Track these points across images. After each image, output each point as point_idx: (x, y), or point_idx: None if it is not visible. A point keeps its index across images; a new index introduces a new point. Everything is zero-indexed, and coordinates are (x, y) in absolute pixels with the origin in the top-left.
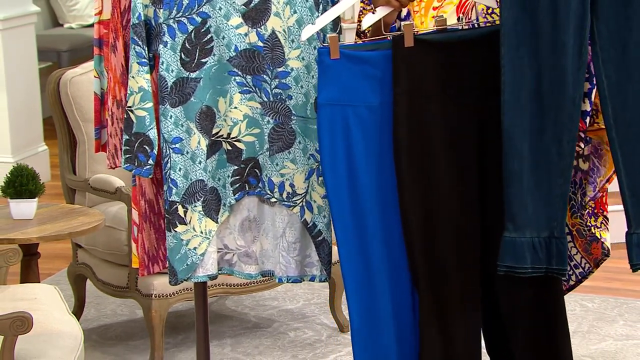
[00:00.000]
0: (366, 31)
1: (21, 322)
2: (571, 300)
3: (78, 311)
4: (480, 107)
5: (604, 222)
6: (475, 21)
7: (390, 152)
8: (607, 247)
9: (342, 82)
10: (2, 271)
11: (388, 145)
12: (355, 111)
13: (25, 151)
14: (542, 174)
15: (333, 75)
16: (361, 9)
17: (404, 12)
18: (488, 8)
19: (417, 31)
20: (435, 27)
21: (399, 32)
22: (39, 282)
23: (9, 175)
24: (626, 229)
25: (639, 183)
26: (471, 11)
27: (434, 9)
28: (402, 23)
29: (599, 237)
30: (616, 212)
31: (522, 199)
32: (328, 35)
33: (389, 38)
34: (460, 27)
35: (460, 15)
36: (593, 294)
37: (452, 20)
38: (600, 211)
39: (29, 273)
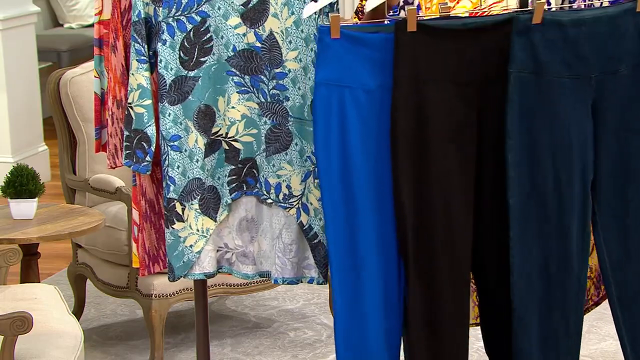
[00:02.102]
0: (365, 11)
1: (21, 322)
2: None
3: (78, 311)
4: (482, 96)
5: None
6: None
7: (385, 136)
8: None
9: (340, 63)
10: (2, 271)
11: (384, 129)
12: (352, 93)
13: (25, 151)
14: (551, 351)
15: (332, 55)
16: None
17: (415, 2)
18: None
19: (421, 17)
20: (439, 14)
21: (402, 16)
22: (39, 282)
23: (9, 175)
24: None
25: None
26: None
27: None
28: (407, 7)
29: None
30: None
31: None
32: (330, 14)
33: (387, 22)
34: (463, 16)
35: None
36: None
37: None
38: None
39: (29, 273)
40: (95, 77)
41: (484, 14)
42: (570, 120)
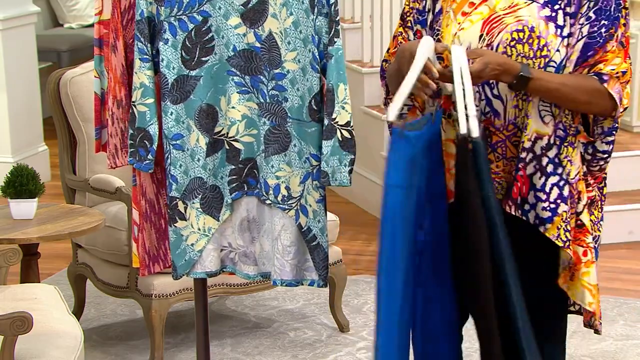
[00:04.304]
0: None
1: (21, 322)
2: None
3: (78, 311)
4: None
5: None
6: (494, 47)
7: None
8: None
9: (405, 163)
10: (2, 271)
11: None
12: (418, 192)
13: (25, 151)
14: None
15: (397, 156)
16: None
17: (437, 7)
18: (512, 40)
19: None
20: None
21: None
22: (39, 282)
23: (9, 175)
24: (627, 230)
25: None
26: (496, 35)
27: (463, 14)
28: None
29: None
30: (614, 212)
31: None
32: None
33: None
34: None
35: (483, 34)
36: None
37: (474, 35)
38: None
39: (29, 273)
40: (95, 77)
41: (498, 21)
42: None
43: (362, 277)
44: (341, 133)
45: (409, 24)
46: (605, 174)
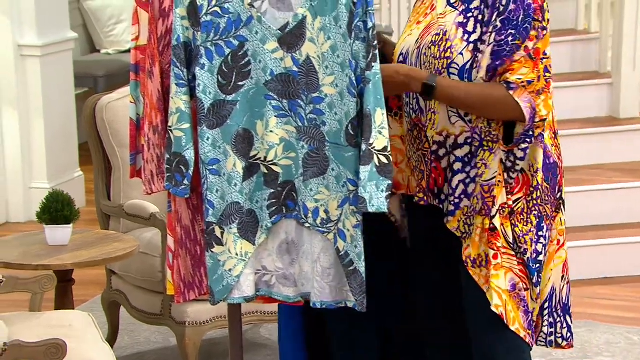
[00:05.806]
0: None
1: (55, 349)
2: (616, 333)
3: (112, 338)
4: None
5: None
6: (421, 48)
7: None
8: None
9: None
10: (37, 297)
11: None
12: None
13: (61, 177)
14: None
15: None
16: None
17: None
18: (431, 43)
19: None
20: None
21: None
22: (74, 309)
23: (44, 201)
24: None
25: None
26: (424, 39)
27: (418, 23)
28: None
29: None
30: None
31: None
32: None
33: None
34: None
35: (419, 38)
36: (639, 326)
37: (414, 40)
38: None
39: (64, 299)
40: (131, 102)
41: (431, 27)
42: None
43: None
44: (378, 159)
45: None
46: (532, 187)
